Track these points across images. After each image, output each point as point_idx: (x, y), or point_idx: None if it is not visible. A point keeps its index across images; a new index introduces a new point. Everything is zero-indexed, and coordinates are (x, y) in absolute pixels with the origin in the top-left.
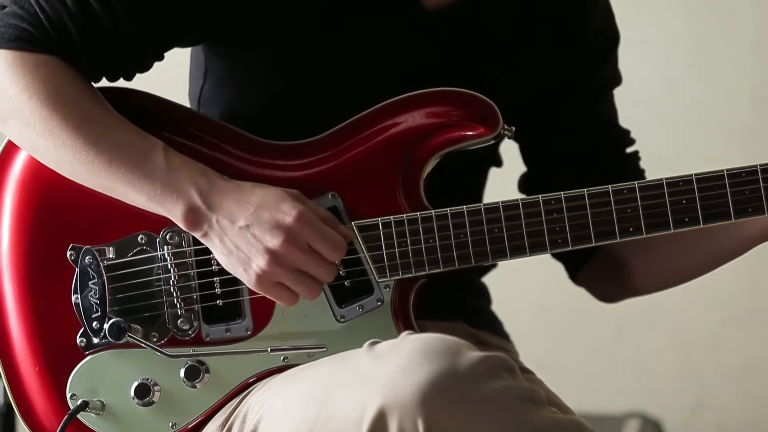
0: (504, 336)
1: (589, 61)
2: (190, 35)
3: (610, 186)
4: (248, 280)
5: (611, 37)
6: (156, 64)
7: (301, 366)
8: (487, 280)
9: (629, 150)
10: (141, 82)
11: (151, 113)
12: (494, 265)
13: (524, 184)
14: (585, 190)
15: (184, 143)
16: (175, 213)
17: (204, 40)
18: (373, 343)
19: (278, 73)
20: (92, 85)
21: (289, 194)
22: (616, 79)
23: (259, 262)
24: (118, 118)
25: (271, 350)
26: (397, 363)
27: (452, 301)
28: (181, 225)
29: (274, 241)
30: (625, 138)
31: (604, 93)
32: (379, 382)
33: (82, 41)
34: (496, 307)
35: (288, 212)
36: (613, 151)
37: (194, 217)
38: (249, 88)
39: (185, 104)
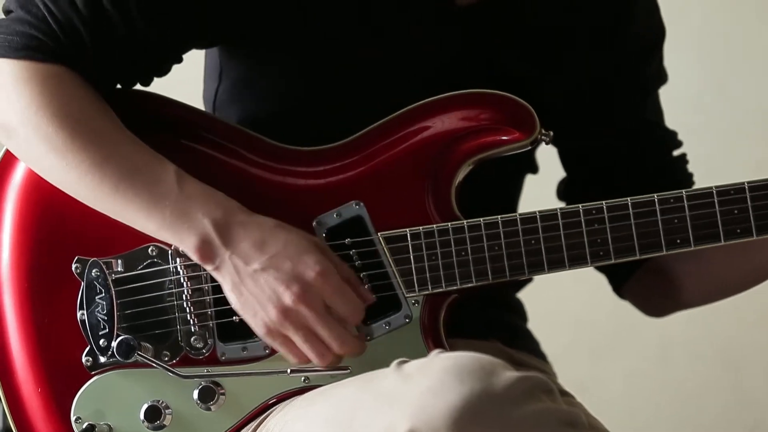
0: (541, 356)
1: (631, 59)
2: (207, 38)
3: (655, 195)
4: (255, 327)
5: (656, 33)
6: (176, 67)
7: (323, 387)
8: (523, 295)
9: (676, 152)
10: (153, 84)
11: (165, 117)
12: (530, 280)
13: (564, 191)
14: (629, 199)
15: (200, 149)
16: (187, 244)
17: (221, 43)
18: (401, 362)
19: (297, 74)
20: (102, 99)
21: (313, 244)
22: (661, 78)
23: (270, 313)
24: (127, 137)
25: (291, 371)
26: (427, 383)
27: (485, 318)
28: (193, 257)
29: (287, 294)
30: (672, 140)
31: (649, 92)
32: (407, 403)
33: (95, 47)
34: (532, 325)
35: (311, 265)
36: (660, 154)
37: (207, 249)
38: (266, 90)
39: (201, 108)
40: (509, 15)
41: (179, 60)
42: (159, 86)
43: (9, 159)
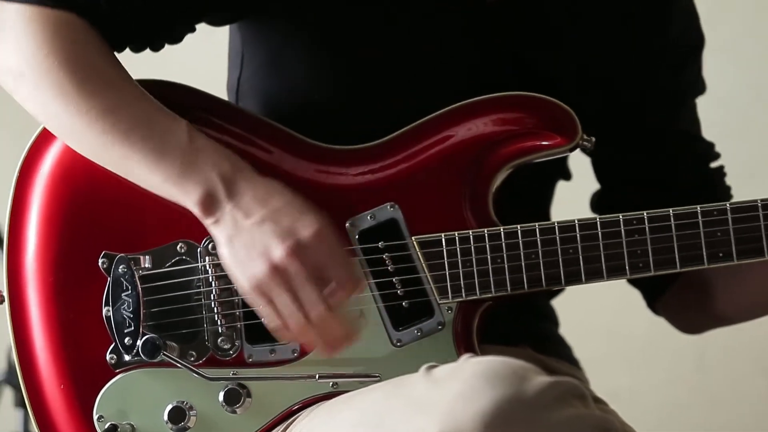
0: (573, 362)
1: (667, 65)
2: (223, 5)
3: (698, 206)
4: (243, 282)
5: (694, 40)
6: (194, 57)
7: (350, 393)
8: (556, 301)
9: (714, 165)
10: (176, 75)
11: (187, 107)
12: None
13: (597, 203)
14: (671, 210)
15: (229, 142)
16: (192, 196)
17: (235, 11)
18: (431, 367)
19: (320, 64)
20: (114, 54)
21: (318, 211)
22: (698, 87)
23: (258, 267)
24: (140, 90)
25: (320, 377)
26: (458, 388)
27: (516, 324)
28: (195, 210)
29: (280, 248)
30: (709, 151)
31: (684, 101)
32: (437, 409)
33: (109, 2)
34: (565, 331)
35: (308, 224)
36: (696, 166)
37: (210, 202)
38: (288, 77)
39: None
40: (541, 16)
41: (192, 28)
42: (182, 76)
43: (37, 150)
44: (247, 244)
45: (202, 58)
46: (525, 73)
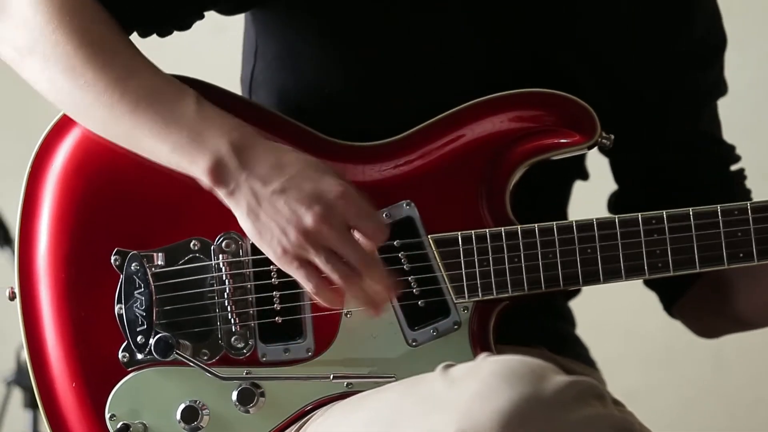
0: (590, 363)
1: (688, 66)
2: None
3: (718, 206)
4: (272, 253)
5: (717, 41)
6: (212, 51)
7: (365, 392)
8: (572, 301)
9: (734, 168)
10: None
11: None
12: (580, 289)
13: (615, 203)
14: (690, 209)
15: None
16: (200, 165)
17: (247, 6)
18: (447, 366)
19: (333, 57)
20: (122, 30)
21: (333, 169)
22: (720, 89)
23: (289, 235)
24: (147, 62)
25: (334, 377)
26: (475, 387)
27: (532, 325)
28: (205, 180)
29: (309, 214)
30: (730, 154)
31: (706, 102)
32: (453, 408)
33: None
34: (581, 331)
35: (332, 185)
36: (716, 169)
37: (221, 172)
38: (301, 69)
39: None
40: (563, 15)
41: (200, 15)
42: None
43: (48, 145)
44: (273, 214)
45: (215, 52)
46: (542, 71)
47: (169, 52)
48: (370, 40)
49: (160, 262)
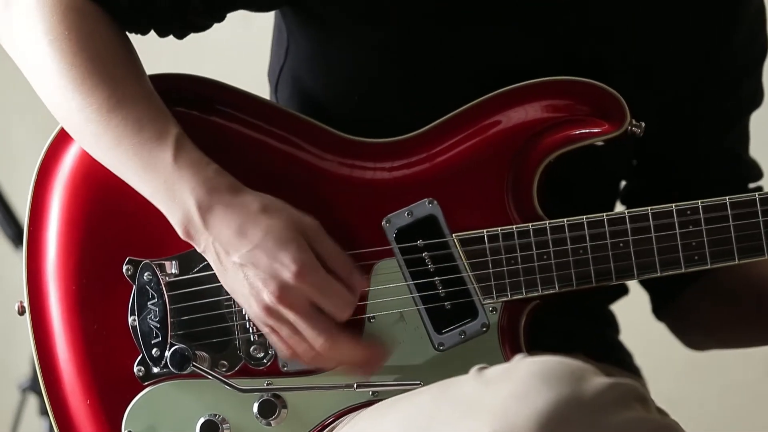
0: (633, 370)
1: (725, 80)
2: None
3: (756, 194)
4: (248, 312)
5: (757, 52)
6: (239, 43)
7: (394, 398)
8: (616, 306)
9: (752, 185)
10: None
11: (217, 104)
12: (625, 291)
13: (629, 197)
14: (727, 198)
15: (260, 139)
16: (173, 219)
17: (279, 4)
18: (482, 368)
19: (368, 54)
20: (126, 43)
21: (299, 233)
22: (755, 100)
23: (253, 307)
24: (139, 89)
25: (358, 386)
26: (511, 389)
27: (570, 329)
28: (179, 233)
29: (266, 293)
30: (751, 172)
31: (739, 118)
32: (488, 410)
33: None
34: (624, 336)
35: (287, 264)
36: (734, 187)
37: (191, 230)
38: (333, 71)
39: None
40: (603, 10)
41: (221, 17)
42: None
43: (56, 149)
44: (237, 284)
45: (241, 44)
46: (569, 63)
47: (194, 44)
48: (408, 46)
49: (173, 271)
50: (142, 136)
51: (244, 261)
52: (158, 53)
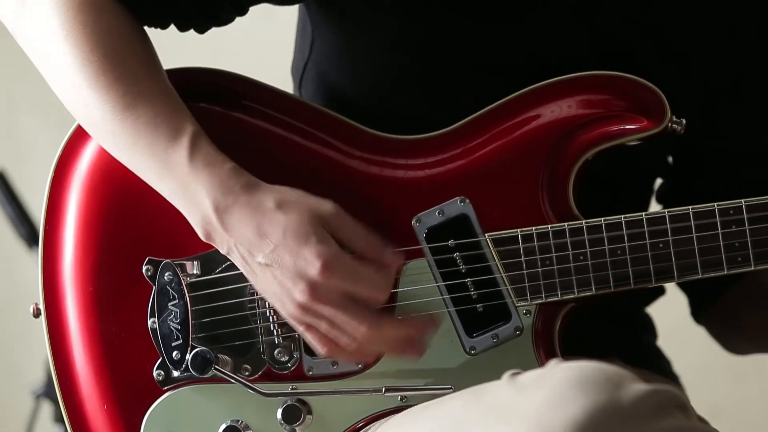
0: (672, 377)
1: (766, 73)
2: None
3: None
4: (281, 312)
5: None
6: (262, 36)
7: (424, 404)
8: (652, 308)
9: None
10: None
11: (240, 98)
12: (662, 292)
13: (664, 195)
14: None
15: (285, 135)
16: (192, 221)
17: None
18: (515, 374)
19: (394, 47)
20: (143, 38)
21: (319, 223)
22: None
23: (286, 305)
24: (155, 86)
25: (386, 390)
26: (545, 395)
27: (605, 333)
28: (200, 236)
29: (297, 291)
30: None
31: None
32: (522, 418)
33: None
34: (662, 341)
35: (311, 260)
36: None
37: (211, 232)
38: (359, 64)
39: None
40: (639, 2)
41: (243, 11)
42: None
43: (73, 146)
44: (267, 284)
45: (265, 37)
46: (610, 63)
47: (214, 40)
48: (433, 40)
49: (195, 271)
50: (157, 135)
51: (269, 261)
52: (175, 49)
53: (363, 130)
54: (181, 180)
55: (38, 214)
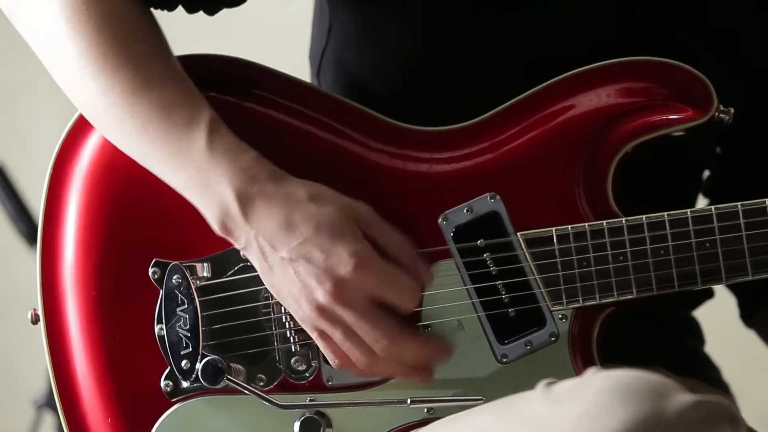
0: (721, 386)
1: None
2: None
3: None
4: (294, 315)
5: None
6: (277, 23)
7: (452, 416)
8: (700, 312)
9: None
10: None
11: (255, 87)
12: (710, 294)
13: (712, 189)
14: None
15: (302, 127)
16: (208, 213)
17: None
18: (550, 383)
19: (413, 29)
20: (150, 20)
21: (353, 221)
22: None
23: (303, 307)
24: (167, 71)
25: (412, 402)
26: (583, 406)
27: (649, 337)
28: (216, 230)
29: (320, 291)
30: None
31: None
32: (558, 430)
33: None
34: (710, 347)
35: (344, 258)
36: None
37: (230, 225)
38: (379, 48)
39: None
40: None
41: None
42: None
43: (74, 138)
44: (285, 282)
45: (280, 24)
46: (649, 48)
47: (230, 22)
48: (460, 19)
49: (205, 274)
50: (171, 121)
51: (295, 256)
52: (184, 35)
53: (385, 121)
54: (198, 167)
55: (38, 209)
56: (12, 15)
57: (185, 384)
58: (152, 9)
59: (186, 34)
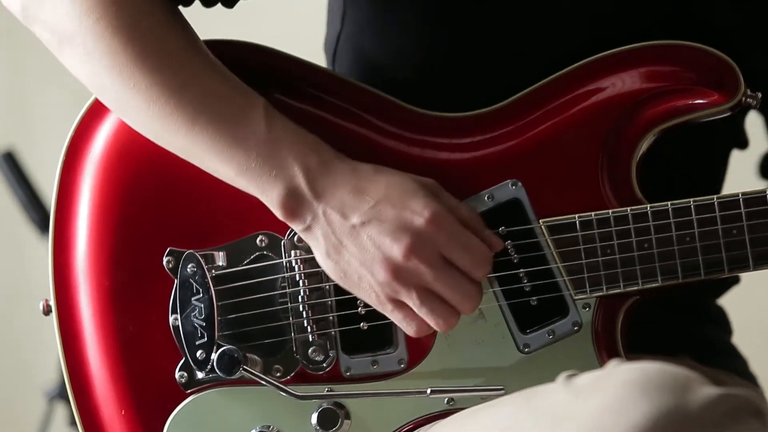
0: (748, 377)
1: None
2: None
3: None
4: (364, 297)
5: None
6: (284, 14)
7: (473, 408)
8: (726, 301)
9: None
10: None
11: (275, 73)
12: (735, 281)
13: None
14: None
15: (320, 115)
16: (270, 195)
17: None
18: (571, 376)
19: (436, 16)
20: (179, 17)
21: (422, 186)
22: None
23: (376, 275)
24: (210, 62)
25: (432, 392)
26: (605, 400)
27: (673, 328)
28: (277, 212)
29: (395, 248)
30: None
31: None
32: (580, 424)
33: None
34: (738, 338)
35: (418, 211)
36: None
37: (295, 204)
38: (396, 35)
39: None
40: None
41: None
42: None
43: (88, 123)
44: (356, 252)
45: (294, 11)
46: (675, 32)
47: (246, 11)
48: (476, 13)
49: (221, 263)
50: (223, 109)
51: (366, 218)
52: (201, 24)
53: (402, 107)
54: (258, 152)
55: (51, 196)
56: (28, 16)
57: (200, 375)
58: None
59: (203, 23)
